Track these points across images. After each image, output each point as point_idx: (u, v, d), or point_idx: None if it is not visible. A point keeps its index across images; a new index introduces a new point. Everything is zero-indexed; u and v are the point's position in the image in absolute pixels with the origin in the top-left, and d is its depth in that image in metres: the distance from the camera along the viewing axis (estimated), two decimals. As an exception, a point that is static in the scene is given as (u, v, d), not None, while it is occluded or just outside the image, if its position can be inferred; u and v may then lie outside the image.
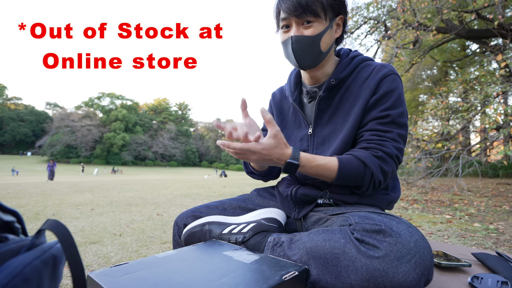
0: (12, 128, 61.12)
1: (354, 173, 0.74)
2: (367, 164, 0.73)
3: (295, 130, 0.94)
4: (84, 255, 1.86)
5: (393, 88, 0.78)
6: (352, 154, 0.76)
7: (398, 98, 0.78)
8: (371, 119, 0.78)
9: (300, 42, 0.78)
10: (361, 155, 0.74)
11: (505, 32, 5.48)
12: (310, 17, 0.76)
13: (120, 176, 27.64)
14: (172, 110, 79.98)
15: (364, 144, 0.78)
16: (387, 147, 0.75)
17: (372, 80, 0.80)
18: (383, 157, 0.75)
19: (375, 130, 0.77)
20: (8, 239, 0.32)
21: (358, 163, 0.74)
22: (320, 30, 0.78)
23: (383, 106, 0.78)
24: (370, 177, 0.75)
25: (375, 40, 7.84)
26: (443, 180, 8.76)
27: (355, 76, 0.84)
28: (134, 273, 0.54)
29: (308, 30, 0.78)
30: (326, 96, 0.85)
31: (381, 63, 0.83)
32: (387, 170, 0.76)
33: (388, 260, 0.53)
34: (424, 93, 15.35)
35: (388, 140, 0.76)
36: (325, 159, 0.74)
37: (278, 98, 1.03)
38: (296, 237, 0.70)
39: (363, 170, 0.74)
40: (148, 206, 4.11)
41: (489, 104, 4.91)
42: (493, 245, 2.12)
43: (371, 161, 0.74)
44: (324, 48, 0.80)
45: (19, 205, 4.10)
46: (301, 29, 0.78)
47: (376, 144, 0.76)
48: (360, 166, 0.74)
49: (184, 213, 0.90)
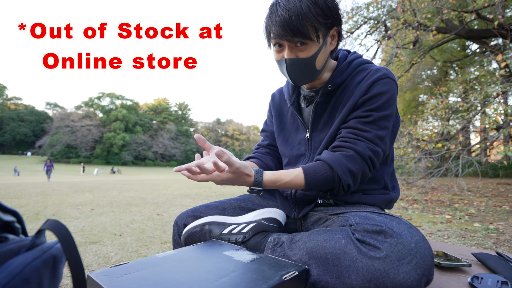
0: (12, 128, 61.10)
1: (322, 180, 0.74)
2: (334, 168, 0.73)
3: (293, 133, 0.94)
4: (84, 255, 1.86)
5: (383, 91, 0.76)
6: (320, 159, 0.76)
7: (387, 101, 0.76)
8: (353, 117, 0.78)
9: (295, 65, 0.77)
10: (329, 158, 0.74)
11: (505, 32, 5.48)
12: (301, 39, 0.74)
13: (120, 176, 27.64)
14: (172, 110, 79.96)
15: (337, 142, 0.77)
16: (360, 146, 0.74)
17: (364, 83, 0.78)
18: (353, 156, 0.74)
19: (354, 128, 0.77)
20: (8, 239, 0.32)
21: (325, 168, 0.74)
22: (314, 51, 0.75)
23: (369, 107, 0.76)
24: (338, 181, 0.74)
25: (375, 40, 7.84)
26: (443, 180, 8.77)
27: (350, 80, 0.83)
28: (134, 273, 0.54)
29: (302, 52, 0.76)
30: (323, 101, 0.85)
31: (377, 67, 0.81)
32: (355, 171, 0.74)
33: (389, 261, 0.53)
34: (424, 93, 15.35)
35: (364, 140, 0.75)
36: (290, 175, 0.75)
37: (278, 100, 1.02)
38: (297, 237, 0.70)
39: (331, 174, 0.74)
40: (148, 206, 4.11)
41: (489, 104, 4.91)
42: (493, 245, 2.12)
43: (339, 164, 0.73)
44: (319, 66, 0.79)
45: (19, 205, 4.10)
46: (295, 51, 0.76)
47: (349, 143, 0.75)
48: (328, 170, 0.74)
49: (184, 213, 0.90)
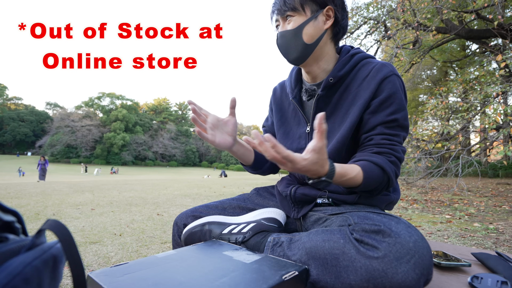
0: (12, 128, 61.04)
1: (376, 181, 0.73)
2: (386, 170, 0.73)
3: (293, 127, 0.94)
4: (84, 255, 1.86)
5: (395, 91, 0.78)
6: (370, 161, 0.74)
7: (401, 100, 0.79)
8: (379, 123, 0.78)
9: (283, 37, 0.83)
10: (378, 161, 0.74)
11: (505, 32, 5.49)
12: (289, 12, 0.81)
13: (120, 176, 27.62)
14: (172, 110, 79.92)
15: (375, 148, 0.77)
16: (398, 152, 0.77)
17: (372, 81, 0.79)
18: (395, 162, 0.76)
19: (385, 134, 0.78)
20: (8, 239, 0.32)
21: (378, 170, 0.73)
22: (299, 22, 0.81)
23: (389, 110, 0.78)
24: (386, 183, 0.75)
25: (375, 40, 7.85)
26: (443, 180, 8.77)
27: (354, 74, 0.83)
28: (134, 273, 0.54)
29: (289, 24, 0.82)
30: (325, 94, 0.85)
31: (381, 62, 0.82)
32: (398, 174, 0.78)
33: (387, 261, 0.53)
34: (424, 93, 15.36)
35: (397, 144, 0.78)
36: (353, 171, 0.70)
37: (279, 94, 1.03)
38: (296, 237, 0.70)
39: (382, 176, 0.74)
40: (148, 206, 4.11)
41: (489, 104, 4.91)
42: (493, 245, 2.12)
43: (389, 167, 0.74)
44: (308, 40, 0.81)
45: (19, 205, 4.11)
46: (285, 25, 0.84)
47: (388, 149, 0.76)
48: (380, 173, 0.73)
49: (184, 213, 0.90)
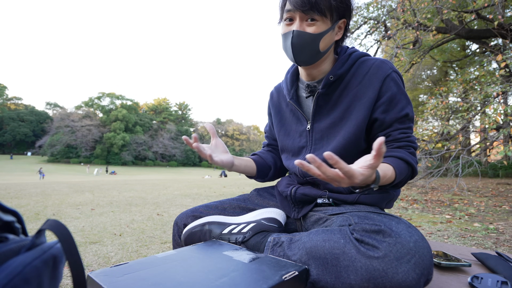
0: (12, 128, 61.02)
1: (404, 174, 0.75)
2: (410, 162, 0.76)
3: (293, 126, 0.95)
4: (84, 255, 1.86)
5: (399, 87, 0.81)
6: (395, 156, 0.76)
7: (406, 94, 0.83)
8: (394, 120, 0.80)
9: (301, 38, 0.78)
10: (402, 155, 0.76)
11: (505, 32, 5.48)
12: (316, 15, 0.76)
13: (119, 176, 27.57)
14: (172, 110, 79.86)
15: (395, 143, 0.80)
16: (414, 142, 0.81)
17: (374, 78, 0.80)
18: (414, 152, 0.79)
19: (400, 129, 0.81)
20: (8, 239, 0.32)
21: (403, 163, 0.75)
22: (322, 29, 0.77)
23: (399, 106, 0.80)
24: (411, 173, 0.78)
25: (375, 40, 7.84)
26: (443, 180, 8.77)
27: (353, 72, 0.84)
28: (134, 273, 0.54)
29: (311, 27, 0.77)
30: (325, 92, 0.85)
31: (379, 59, 0.84)
32: (417, 162, 0.81)
33: (387, 260, 0.53)
34: (424, 93, 15.35)
35: (411, 135, 0.81)
36: (388, 171, 0.69)
37: (276, 97, 1.03)
38: (296, 237, 0.70)
39: (408, 168, 0.76)
40: (148, 206, 4.11)
41: (489, 104, 4.90)
42: (493, 245, 2.12)
43: (411, 158, 0.77)
44: (323, 48, 0.80)
45: (19, 205, 4.10)
46: (303, 25, 0.78)
47: (406, 142, 0.80)
48: (405, 165, 0.76)
49: (184, 213, 0.90)
